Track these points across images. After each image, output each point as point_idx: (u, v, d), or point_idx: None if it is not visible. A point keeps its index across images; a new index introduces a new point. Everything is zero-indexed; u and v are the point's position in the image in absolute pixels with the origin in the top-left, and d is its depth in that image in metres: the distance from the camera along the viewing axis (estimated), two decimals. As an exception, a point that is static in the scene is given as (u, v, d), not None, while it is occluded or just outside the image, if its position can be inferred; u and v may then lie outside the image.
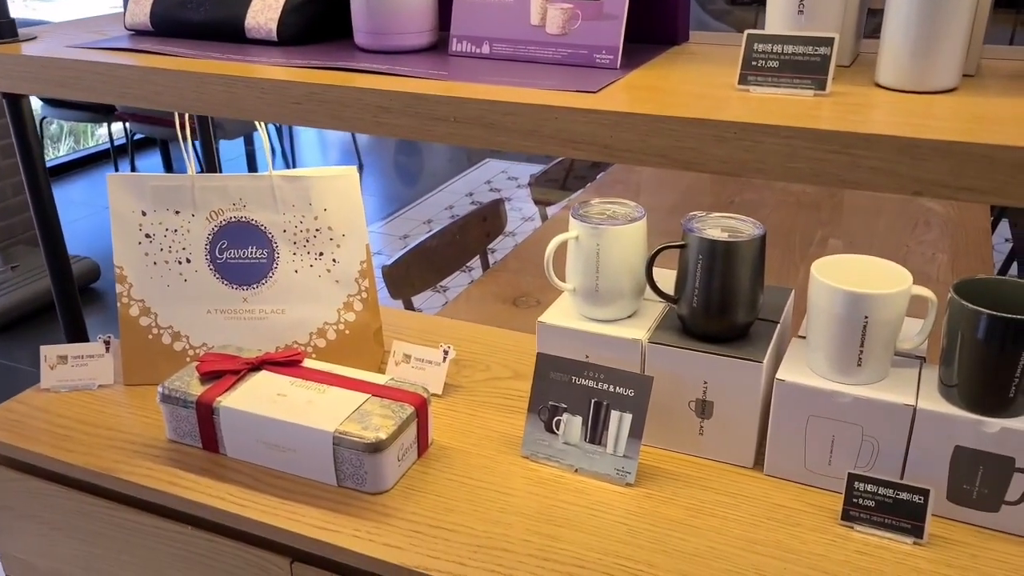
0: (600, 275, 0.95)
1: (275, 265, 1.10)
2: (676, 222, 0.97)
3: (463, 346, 1.20)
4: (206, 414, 0.96)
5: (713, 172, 0.71)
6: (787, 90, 0.75)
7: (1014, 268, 2.28)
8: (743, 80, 0.76)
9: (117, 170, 4.49)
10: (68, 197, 4.52)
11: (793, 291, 1.04)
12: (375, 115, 0.81)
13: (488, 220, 2.00)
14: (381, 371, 1.13)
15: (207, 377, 0.99)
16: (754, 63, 0.76)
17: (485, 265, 2.06)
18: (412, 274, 1.74)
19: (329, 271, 1.10)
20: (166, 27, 1.00)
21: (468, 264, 2.08)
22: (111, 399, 1.09)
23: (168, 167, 4.74)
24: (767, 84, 0.76)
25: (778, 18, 0.80)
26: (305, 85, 0.82)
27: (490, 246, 2.07)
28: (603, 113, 0.72)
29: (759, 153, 0.68)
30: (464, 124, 0.78)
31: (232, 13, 0.97)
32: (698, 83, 0.79)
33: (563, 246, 0.97)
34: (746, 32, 0.76)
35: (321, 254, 1.10)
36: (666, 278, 0.96)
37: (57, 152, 4.99)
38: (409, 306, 1.75)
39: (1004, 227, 2.92)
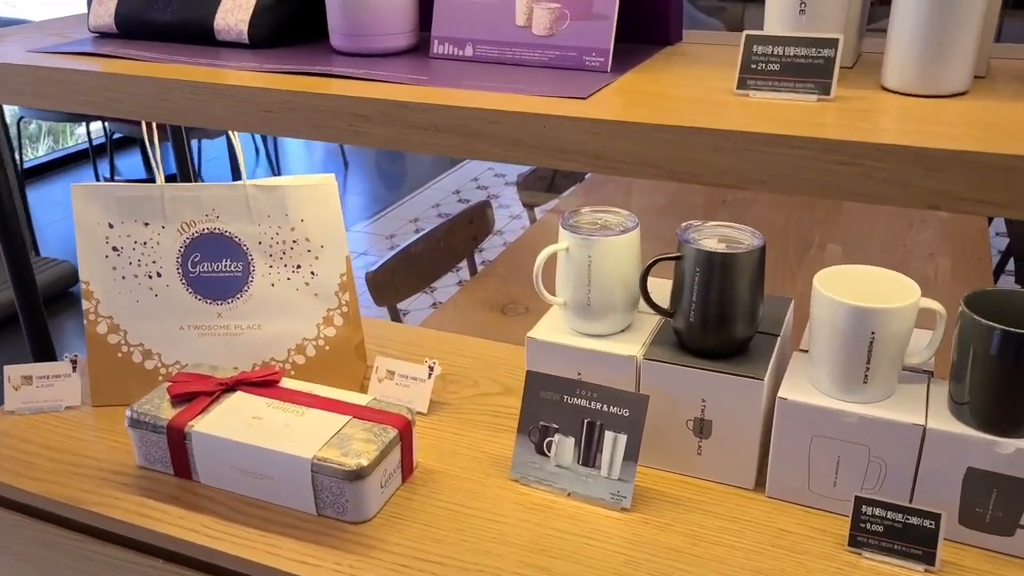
0: (592, 288, 0.91)
1: (250, 278, 1.05)
2: (668, 223, 0.92)
3: (450, 360, 1.15)
4: (178, 439, 0.91)
5: (713, 184, 0.66)
6: (789, 95, 0.70)
7: (1010, 264, 2.25)
8: (742, 84, 0.71)
9: (96, 170, 4.41)
10: (47, 198, 4.44)
11: (793, 301, 0.99)
12: (351, 124, 0.76)
13: (475, 223, 1.95)
14: (364, 387, 1.09)
15: (178, 400, 0.94)
16: (753, 66, 0.72)
17: (472, 269, 2.01)
18: (397, 280, 1.69)
19: (307, 284, 1.05)
20: (131, 29, 0.95)
21: (456, 265, 2.03)
22: (78, 422, 1.04)
23: (148, 167, 4.66)
24: (767, 89, 0.71)
25: (778, 18, 0.75)
26: (276, 92, 0.77)
27: (478, 246, 2.02)
28: (594, 122, 0.67)
29: (762, 164, 0.64)
30: (446, 133, 0.73)
31: (200, 14, 0.92)
32: (694, 87, 0.74)
33: (553, 258, 0.92)
34: (744, 33, 0.72)
35: (299, 266, 1.05)
36: (661, 288, 0.92)
37: (36, 152, 4.91)
38: (394, 313, 1.70)
39: (998, 220, 2.90)
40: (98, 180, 4.35)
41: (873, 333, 0.79)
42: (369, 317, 1.27)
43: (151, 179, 1.33)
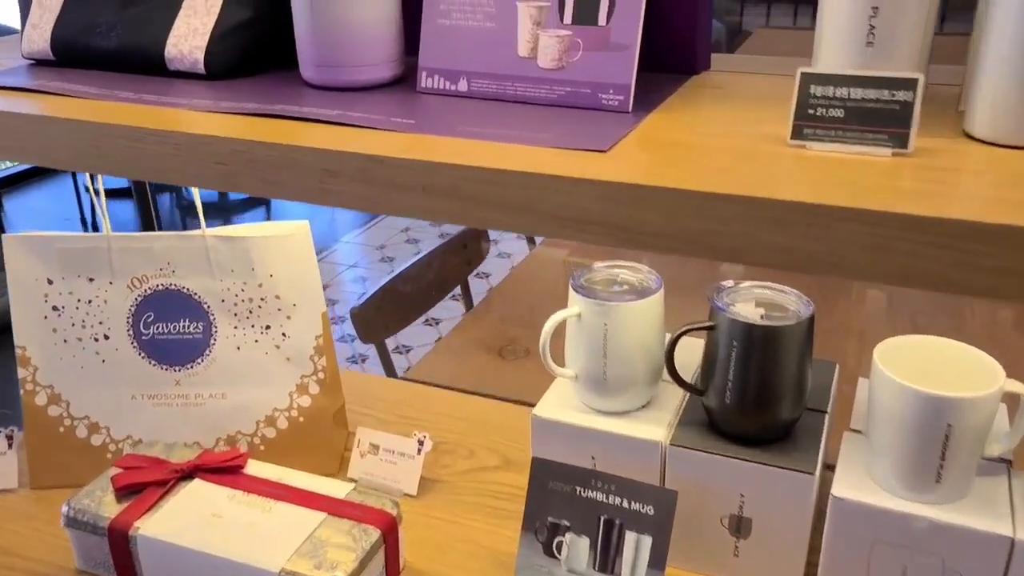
0: (609, 360, 0.78)
1: (213, 341, 0.91)
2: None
3: (442, 423, 1.02)
4: (121, 543, 0.77)
5: (773, 266, 0.53)
6: (856, 147, 0.57)
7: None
8: (798, 133, 0.58)
9: (76, 178, 4.26)
10: (27, 207, 4.30)
11: (838, 367, 0.86)
12: (320, 181, 0.62)
13: (469, 247, 1.81)
14: (344, 460, 0.95)
15: (124, 492, 0.80)
16: (811, 111, 0.58)
17: (467, 297, 1.88)
18: (384, 314, 1.56)
19: (278, 347, 0.92)
20: (70, 56, 0.81)
21: (449, 295, 1.89)
22: (13, 508, 0.90)
23: (131, 175, 4.52)
24: (829, 140, 0.58)
25: (837, 49, 0.62)
26: (230, 141, 0.64)
27: (473, 271, 1.89)
28: (618, 186, 0.54)
29: (834, 245, 0.50)
30: (436, 196, 0.59)
31: (150, 40, 0.78)
32: (737, 134, 0.61)
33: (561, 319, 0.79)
34: (800, 70, 0.59)
35: (268, 327, 0.91)
36: (687, 351, 0.78)
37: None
38: (382, 349, 1.57)
39: None
40: (77, 189, 4.20)
41: (950, 425, 0.66)
42: (350, 370, 1.14)
43: (137, 189, 1.20)
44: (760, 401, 0.74)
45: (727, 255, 0.53)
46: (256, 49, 0.78)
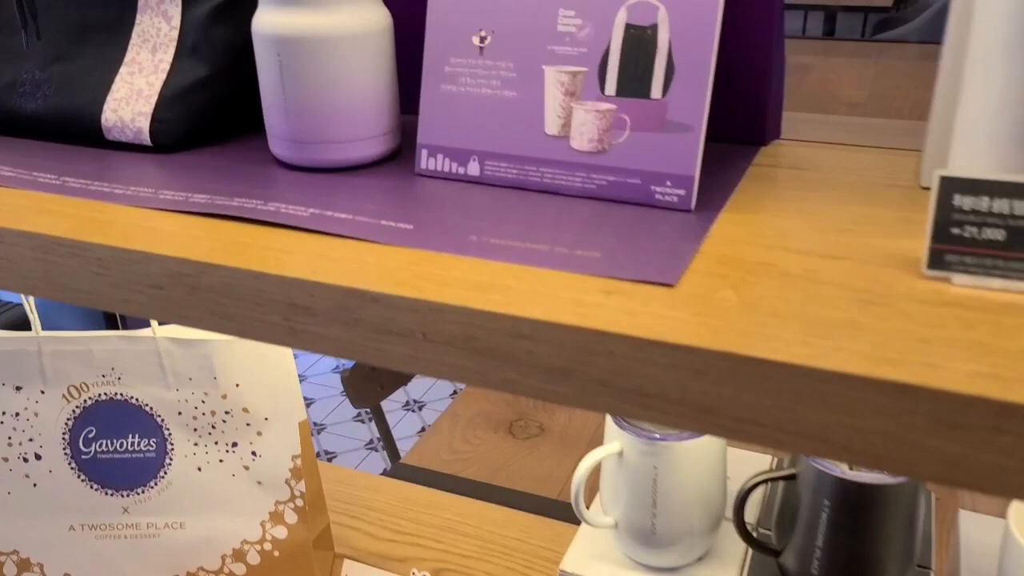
0: (659, 509, 0.62)
1: (168, 461, 0.76)
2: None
3: (446, 540, 0.86)
4: None
5: (938, 482, 0.37)
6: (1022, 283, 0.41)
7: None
8: (937, 261, 0.42)
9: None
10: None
11: (935, 498, 0.70)
12: (287, 318, 0.47)
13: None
14: (329, 595, 0.80)
15: (51, 672, 0.65)
16: (955, 231, 0.42)
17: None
18: (380, 373, 1.40)
19: (247, 468, 0.76)
20: (-10, 121, 0.66)
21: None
22: (-75, 671, 0.75)
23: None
24: (984, 272, 0.42)
25: (987, 146, 0.46)
26: (169, 260, 0.48)
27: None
28: (699, 354, 0.38)
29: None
30: (440, 346, 0.44)
31: (83, 102, 0.63)
32: (845, 252, 0.45)
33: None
34: (938, 174, 0.43)
35: (234, 445, 0.75)
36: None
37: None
38: (379, 415, 1.41)
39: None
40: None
41: (1121, 631, 0.51)
42: (331, 465, 0.98)
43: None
44: (856, 573, 0.58)
45: (867, 460, 0.37)
46: (214, 115, 0.63)
